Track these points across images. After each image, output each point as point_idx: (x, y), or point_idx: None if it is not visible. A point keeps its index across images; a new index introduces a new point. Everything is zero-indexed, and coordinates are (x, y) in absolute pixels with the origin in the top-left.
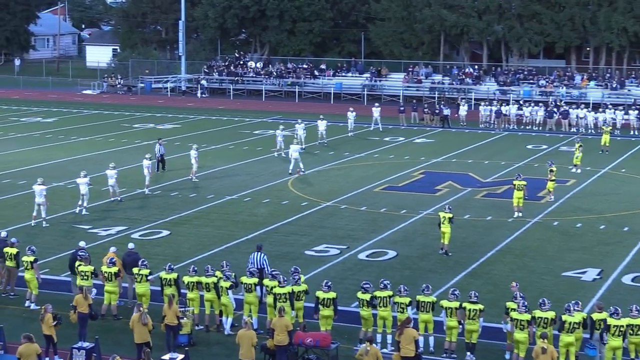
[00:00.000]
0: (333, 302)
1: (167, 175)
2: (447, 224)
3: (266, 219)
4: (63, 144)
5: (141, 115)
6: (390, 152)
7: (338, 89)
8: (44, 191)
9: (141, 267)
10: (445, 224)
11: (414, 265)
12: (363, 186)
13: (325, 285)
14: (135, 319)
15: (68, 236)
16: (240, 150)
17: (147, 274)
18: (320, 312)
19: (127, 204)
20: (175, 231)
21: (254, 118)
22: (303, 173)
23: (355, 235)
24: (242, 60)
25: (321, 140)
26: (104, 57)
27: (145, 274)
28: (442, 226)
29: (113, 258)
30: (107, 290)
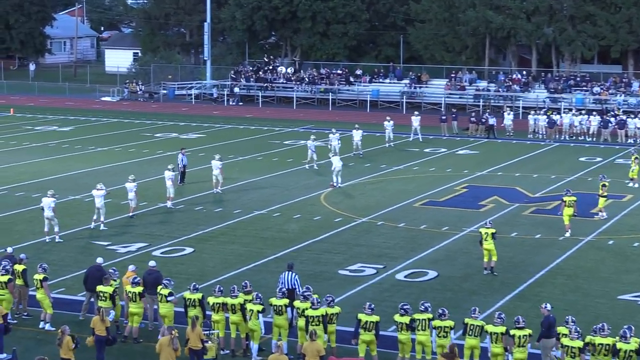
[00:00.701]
0: (375, 326)
1: (191, 188)
2: (490, 240)
3: (297, 236)
4: (80, 155)
5: (163, 124)
6: (431, 164)
7: (375, 97)
8: (52, 204)
9: (162, 287)
10: (488, 241)
11: (456, 286)
12: (401, 201)
13: (368, 307)
14: (164, 343)
15: (85, 253)
16: (270, 161)
17: (166, 294)
18: (360, 336)
19: (148, 219)
20: (199, 248)
21: (284, 127)
22: (337, 186)
23: (393, 254)
24: (272, 65)
25: (356, 152)
26: (124, 61)
27: (165, 294)
28: (484, 243)
29: (137, 277)
30: (130, 312)
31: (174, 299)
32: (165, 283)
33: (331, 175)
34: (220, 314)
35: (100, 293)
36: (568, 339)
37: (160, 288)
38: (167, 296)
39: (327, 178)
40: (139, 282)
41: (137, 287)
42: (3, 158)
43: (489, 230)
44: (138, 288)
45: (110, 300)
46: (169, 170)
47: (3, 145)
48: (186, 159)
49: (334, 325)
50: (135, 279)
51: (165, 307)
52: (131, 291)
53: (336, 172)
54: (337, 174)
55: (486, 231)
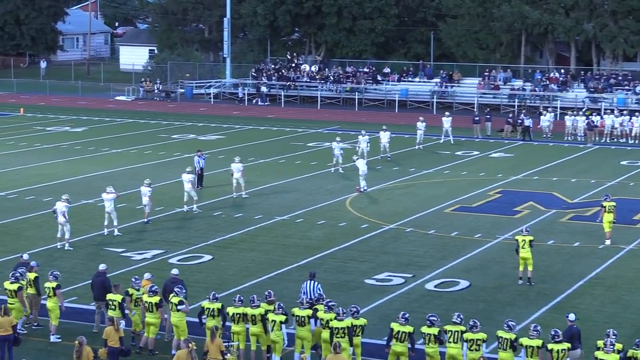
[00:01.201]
0: (409, 337)
1: (210, 193)
2: (527, 248)
3: (321, 243)
4: (93, 157)
5: (181, 124)
6: (463, 167)
7: (403, 96)
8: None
9: (173, 294)
10: (525, 249)
11: (490, 297)
12: (431, 206)
13: (402, 316)
14: (182, 357)
15: (97, 260)
16: (292, 164)
17: (177, 302)
18: (392, 346)
19: (164, 225)
20: (218, 256)
21: (308, 128)
22: (363, 191)
23: (422, 263)
24: (295, 63)
25: (384, 154)
26: (140, 59)
27: (175, 302)
28: (520, 252)
29: (154, 286)
30: (147, 322)
31: (184, 307)
32: (176, 291)
33: (358, 179)
34: (241, 324)
35: (110, 301)
36: (602, 352)
37: (171, 296)
38: (178, 305)
39: (352, 182)
40: (156, 291)
41: (155, 296)
42: (13, 160)
43: (526, 237)
44: (155, 298)
45: (120, 309)
46: (187, 173)
47: (13, 147)
48: (203, 162)
49: (359, 337)
50: (152, 288)
51: (176, 317)
52: (148, 301)
53: (362, 176)
54: (363, 178)
55: (523, 239)
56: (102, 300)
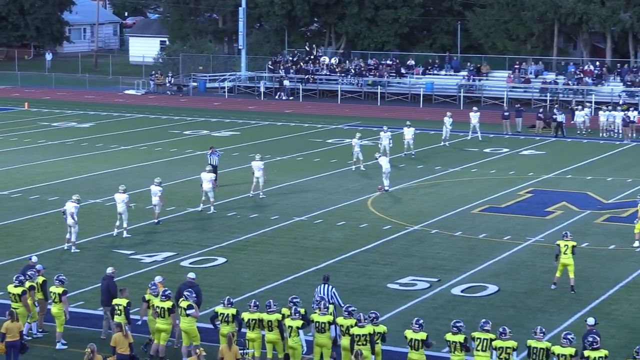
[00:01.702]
0: (425, 344)
1: (224, 192)
2: (570, 254)
3: (341, 245)
4: (101, 154)
5: (193, 120)
6: (492, 166)
7: (428, 90)
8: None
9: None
10: (567, 255)
11: (520, 302)
12: (458, 207)
13: (416, 323)
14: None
15: (106, 263)
16: (311, 162)
17: (185, 306)
18: (408, 355)
19: (175, 226)
20: (232, 258)
21: (328, 124)
22: (386, 190)
23: (448, 266)
24: (314, 55)
25: (407, 151)
26: (150, 50)
27: (184, 306)
28: (562, 257)
29: (167, 290)
30: (158, 329)
31: (194, 312)
32: (186, 295)
33: (381, 178)
34: (256, 331)
35: (116, 306)
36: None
37: (180, 300)
38: (187, 309)
39: (374, 181)
40: (169, 296)
41: (167, 301)
42: (16, 157)
43: (569, 242)
44: (168, 303)
45: (125, 315)
46: (208, 171)
47: (16, 143)
48: (217, 159)
49: (379, 345)
50: (165, 292)
51: (185, 322)
52: (160, 306)
53: (386, 174)
54: (386, 176)
55: (566, 244)
56: (109, 305)
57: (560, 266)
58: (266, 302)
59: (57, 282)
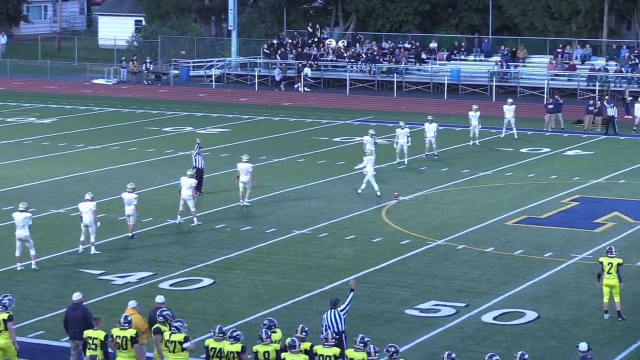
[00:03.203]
0: None
1: (210, 200)
2: (614, 273)
3: (350, 264)
4: (65, 155)
5: (174, 114)
6: (530, 168)
7: (454, 79)
8: (28, 220)
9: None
10: (612, 274)
11: (564, 332)
12: (490, 217)
13: (448, 356)
14: None
15: (70, 284)
16: (314, 164)
17: (181, 339)
18: None
19: (153, 240)
20: (221, 279)
21: (334, 119)
22: (403, 199)
23: (478, 289)
24: (318, 38)
25: (429, 152)
26: (123, 32)
27: (179, 340)
28: (605, 277)
29: (128, 316)
30: None
31: (190, 345)
32: (177, 326)
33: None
34: None
35: (89, 339)
36: None
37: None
38: (182, 342)
39: (390, 186)
40: (130, 322)
41: (129, 329)
42: None
43: (613, 260)
44: (129, 331)
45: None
46: (189, 176)
47: None
48: (203, 160)
49: None
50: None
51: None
52: (119, 335)
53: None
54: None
55: (609, 261)
56: (80, 338)
57: (605, 288)
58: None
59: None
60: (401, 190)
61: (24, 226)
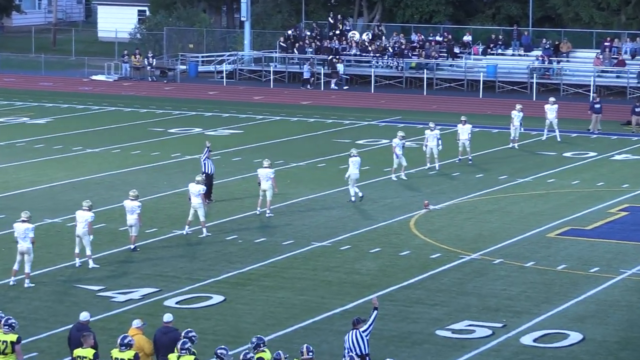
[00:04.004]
0: None
1: (221, 209)
2: None
3: (375, 279)
4: (61, 159)
5: (181, 114)
6: (574, 174)
7: (491, 75)
8: (29, 232)
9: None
10: None
11: (611, 355)
12: (530, 229)
13: None
14: None
15: (66, 301)
16: (335, 170)
17: None
18: None
19: (158, 253)
20: (232, 296)
21: (358, 120)
22: (434, 208)
23: (517, 307)
24: (340, 30)
25: (463, 156)
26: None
27: None
28: None
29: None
30: None
31: None
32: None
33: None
34: None
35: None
36: None
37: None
38: None
39: (420, 195)
40: (130, 344)
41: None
42: None
43: None
44: (128, 353)
45: None
46: (198, 182)
47: None
48: (213, 165)
49: None
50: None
51: None
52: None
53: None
54: (354, 184)
55: None
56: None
57: None
58: (275, 354)
59: (6, 328)
60: (432, 198)
61: (25, 238)
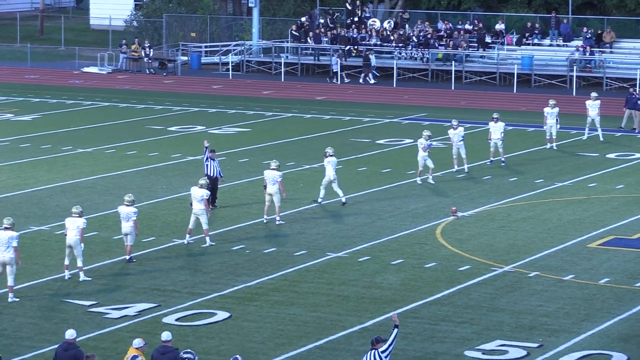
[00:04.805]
0: None
1: (226, 216)
2: None
3: (397, 294)
4: (49, 160)
5: (182, 110)
6: (618, 178)
7: (526, 68)
8: (13, 241)
9: None
10: None
11: None
12: (569, 238)
13: None
14: None
15: (54, 318)
16: (354, 172)
17: None
18: None
19: (156, 264)
20: (239, 312)
21: (378, 117)
22: (462, 215)
23: (554, 325)
24: (359, 17)
25: (495, 157)
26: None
27: None
28: None
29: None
30: None
31: None
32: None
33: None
34: None
35: None
36: None
37: None
38: None
39: (448, 200)
40: None
41: None
42: None
43: None
44: None
45: None
46: (201, 186)
47: None
48: (218, 167)
49: None
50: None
51: None
52: None
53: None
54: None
55: None
56: None
57: None
58: None
59: None
60: (460, 204)
61: (8, 247)
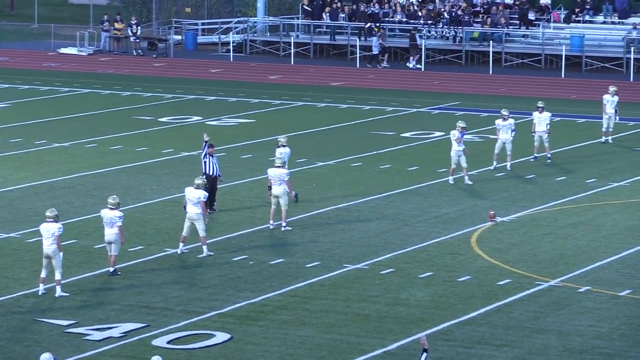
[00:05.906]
0: None
1: (227, 221)
2: None
3: (426, 313)
4: (20, 155)
5: (175, 98)
6: None
7: (576, 49)
8: None
9: None
10: None
11: None
12: (626, 247)
13: None
14: None
15: (25, 340)
16: (375, 170)
17: None
18: None
19: (144, 278)
20: (241, 333)
21: (404, 106)
22: (502, 220)
23: (608, 348)
24: None
25: (540, 153)
26: None
27: None
28: None
29: None
30: None
31: None
32: None
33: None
34: None
35: None
36: None
37: None
38: None
39: (486, 203)
40: None
41: None
42: None
43: None
44: None
45: None
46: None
47: None
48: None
49: None
50: None
51: None
52: None
53: None
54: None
55: None
56: None
57: None
58: None
59: None
60: (500, 208)
61: None
